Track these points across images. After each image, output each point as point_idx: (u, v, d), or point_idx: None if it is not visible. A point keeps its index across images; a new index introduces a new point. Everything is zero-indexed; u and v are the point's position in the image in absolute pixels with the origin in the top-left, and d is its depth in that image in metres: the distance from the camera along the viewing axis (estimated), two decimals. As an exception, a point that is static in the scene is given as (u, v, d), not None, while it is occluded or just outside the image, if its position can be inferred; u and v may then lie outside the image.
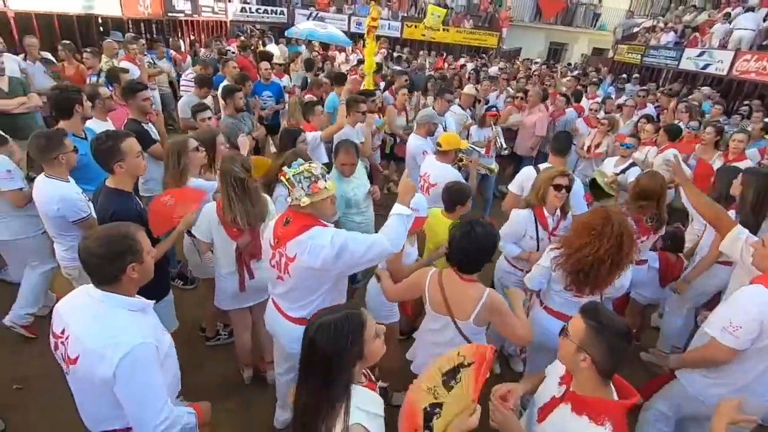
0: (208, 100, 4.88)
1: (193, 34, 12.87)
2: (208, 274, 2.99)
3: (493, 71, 10.80)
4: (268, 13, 16.27)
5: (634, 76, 11.60)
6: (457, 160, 3.79)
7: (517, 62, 14.38)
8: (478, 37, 17.28)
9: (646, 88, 9.08)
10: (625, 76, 11.84)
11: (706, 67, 11.28)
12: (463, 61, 13.60)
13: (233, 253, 2.53)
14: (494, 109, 5.46)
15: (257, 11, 16.05)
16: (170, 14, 11.73)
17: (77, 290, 1.63)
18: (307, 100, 4.99)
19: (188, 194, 2.62)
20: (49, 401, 2.65)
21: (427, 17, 11.53)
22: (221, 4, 14.37)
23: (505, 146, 5.40)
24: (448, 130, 4.84)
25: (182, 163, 2.75)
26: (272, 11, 16.37)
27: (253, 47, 8.98)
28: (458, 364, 1.44)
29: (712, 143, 4.72)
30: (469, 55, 15.94)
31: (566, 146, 3.49)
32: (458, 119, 5.48)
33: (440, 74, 9.00)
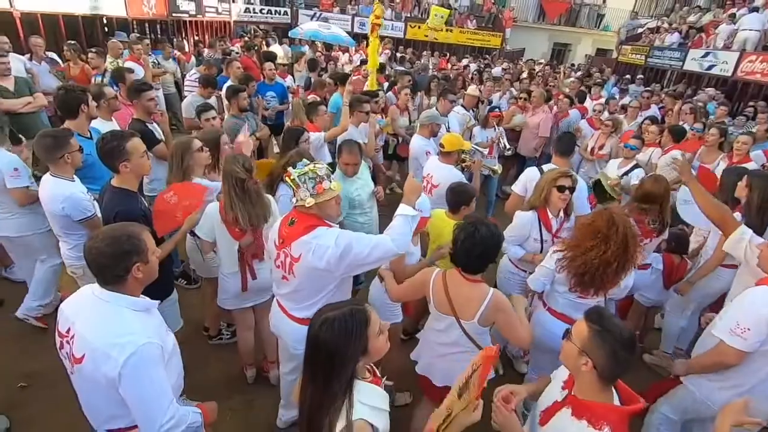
0: (211, 100, 4.89)
1: (197, 34, 12.92)
2: (210, 273, 3.01)
3: (496, 72, 10.79)
4: (271, 13, 16.34)
5: (638, 77, 11.56)
6: (459, 161, 3.78)
7: (520, 63, 14.36)
8: (481, 37, 17.28)
9: (650, 89, 9.04)
10: (629, 76, 11.80)
11: (710, 68, 11.24)
12: (466, 61, 13.59)
13: (236, 253, 2.54)
14: (497, 109, 5.46)
15: (261, 12, 16.12)
16: (174, 14, 11.79)
17: (82, 289, 1.64)
18: (310, 100, 4.99)
19: (190, 189, 2.62)
20: (53, 399, 2.66)
21: (430, 18, 11.55)
22: (225, 4, 14.43)
23: (508, 147, 5.39)
24: (451, 130, 4.84)
25: (186, 163, 2.76)
26: (276, 12, 16.43)
27: (256, 47, 9.00)
28: (472, 372, 1.45)
29: (716, 144, 4.71)
30: (472, 55, 15.94)
31: (570, 147, 3.49)
32: (461, 120, 5.48)
33: (443, 75, 8.99)
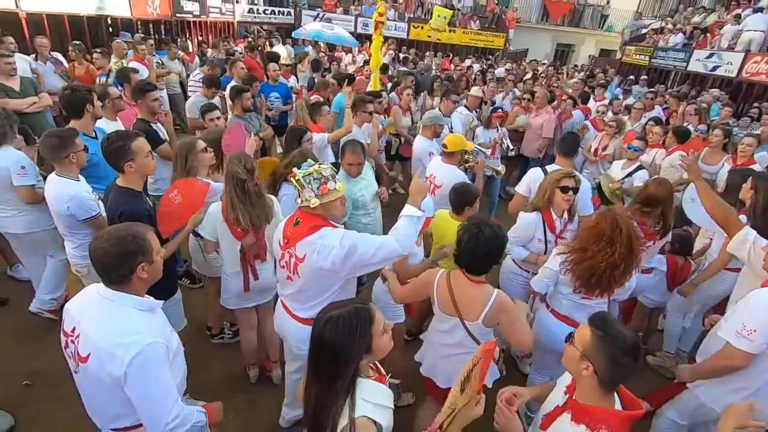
0: (215, 100, 4.90)
1: (200, 34, 12.96)
2: (213, 272, 3.02)
3: (499, 72, 10.77)
4: (275, 14, 16.38)
5: (642, 77, 11.51)
6: (463, 161, 3.78)
7: (523, 63, 14.34)
8: (484, 38, 17.25)
9: (654, 90, 9.01)
10: (632, 77, 11.76)
11: (715, 68, 11.19)
12: (468, 62, 13.57)
13: (238, 253, 2.54)
14: (500, 110, 5.45)
15: (264, 12, 16.16)
16: (178, 15, 11.83)
17: (87, 289, 1.65)
18: (313, 101, 5.00)
19: (193, 185, 2.63)
20: (57, 398, 2.67)
21: (433, 19, 11.54)
22: (229, 5, 14.47)
23: (511, 147, 5.38)
24: (454, 131, 4.84)
25: (190, 163, 2.76)
26: (279, 12, 16.48)
27: (260, 48, 9.02)
28: (472, 366, 1.46)
29: (720, 145, 4.69)
30: (475, 56, 15.92)
31: (573, 148, 3.48)
32: (464, 120, 5.47)
33: (447, 75, 8.98)
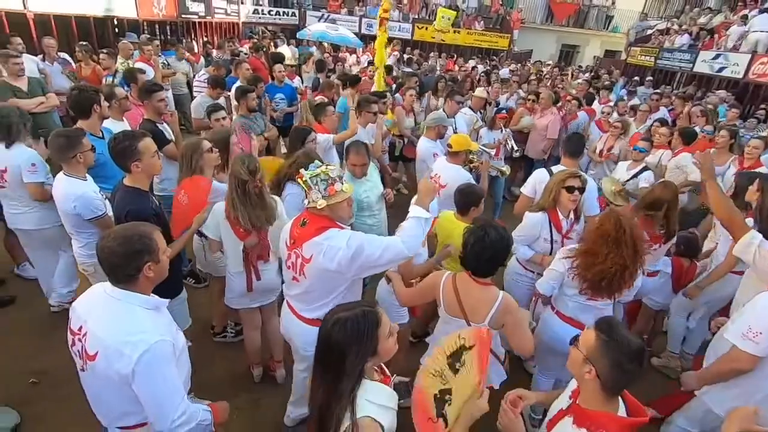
0: (220, 101, 4.93)
1: (206, 35, 13.03)
2: (217, 272, 3.03)
3: (504, 73, 10.75)
4: (279, 14, 16.45)
5: (647, 78, 11.46)
6: (467, 161, 3.78)
7: (528, 64, 14.30)
8: (488, 39, 17.25)
9: (659, 91, 8.96)
10: (637, 78, 11.70)
11: (721, 70, 11.12)
12: (472, 63, 13.54)
13: (241, 253, 2.55)
14: (504, 111, 5.44)
15: (269, 13, 16.24)
16: (184, 16, 11.90)
17: (94, 288, 1.66)
18: (318, 101, 5.01)
19: (198, 184, 2.66)
20: (64, 396, 2.69)
21: (437, 20, 11.52)
22: (234, 5, 14.54)
23: (516, 148, 5.37)
24: (458, 131, 4.84)
25: (196, 163, 2.77)
26: (284, 13, 16.54)
27: (265, 49, 9.05)
28: (460, 346, 1.47)
29: (726, 146, 4.66)
30: (479, 57, 15.90)
31: (579, 149, 3.47)
32: (468, 121, 5.48)
33: (451, 76, 8.98)
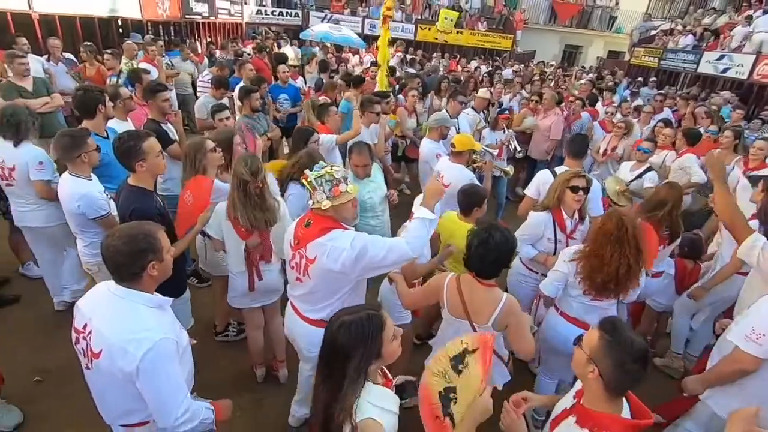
0: (224, 101, 4.94)
1: (209, 35, 13.08)
2: (220, 271, 3.03)
3: (507, 74, 10.74)
4: (283, 15, 16.50)
5: (651, 79, 11.42)
6: (471, 161, 3.78)
7: (531, 65, 14.28)
8: (491, 39, 17.22)
9: (663, 92, 8.92)
10: (641, 79, 11.67)
11: (725, 70, 11.06)
12: (475, 63, 13.50)
13: (243, 252, 2.55)
14: (507, 112, 5.44)
15: (272, 13, 16.29)
16: (188, 16, 11.95)
17: (98, 286, 1.67)
18: (321, 101, 5.01)
19: (201, 184, 2.68)
20: (67, 395, 2.70)
21: (439, 21, 11.56)
22: (237, 6, 14.59)
23: (519, 149, 5.37)
24: (461, 132, 4.83)
25: (199, 163, 2.78)
26: (287, 13, 16.58)
27: (268, 49, 9.07)
28: (463, 350, 1.49)
29: (730, 147, 4.64)
30: (482, 57, 15.88)
31: (582, 149, 3.46)
32: (471, 121, 5.47)
33: (454, 77, 8.97)
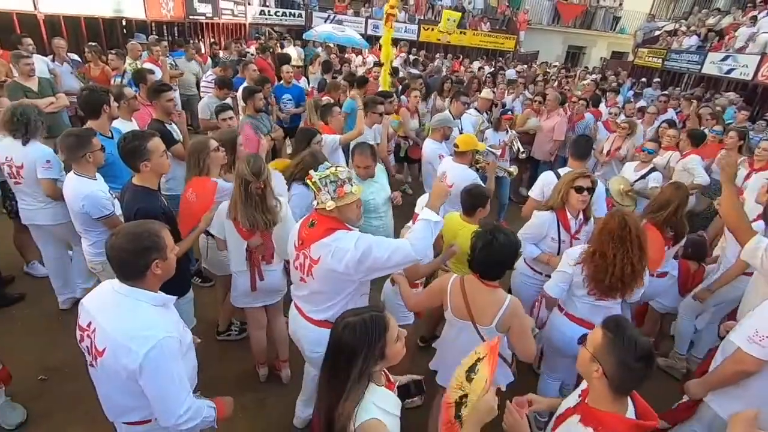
0: (227, 101, 4.95)
1: (213, 36, 13.12)
2: (223, 270, 3.04)
3: (510, 74, 10.72)
4: (286, 15, 16.52)
5: (654, 80, 11.38)
6: (474, 161, 3.78)
7: (534, 65, 14.25)
8: (494, 40, 17.20)
9: (667, 93, 8.89)
10: (644, 80, 11.62)
11: (730, 71, 11.02)
12: (477, 64, 13.47)
13: (244, 252, 2.56)
14: (510, 112, 5.43)
15: (276, 14, 16.31)
16: (191, 17, 11.98)
17: (103, 285, 1.68)
18: (324, 102, 5.02)
19: (204, 184, 2.69)
20: (71, 393, 2.71)
21: (442, 22, 11.55)
22: (241, 6, 14.62)
23: (522, 150, 5.36)
24: (464, 132, 4.83)
25: (203, 162, 2.78)
26: (290, 14, 16.61)
27: (271, 50, 9.10)
28: (476, 360, 1.54)
29: (735, 148, 4.61)
30: (484, 57, 15.85)
31: (586, 151, 3.46)
32: (474, 122, 5.47)
33: (457, 78, 8.97)
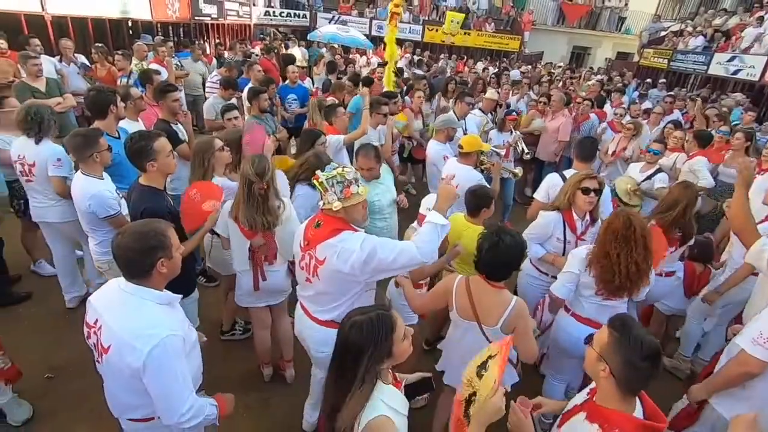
0: (232, 101, 4.98)
1: (218, 37, 13.18)
2: (226, 270, 3.05)
3: (515, 75, 10.70)
4: (291, 16, 16.60)
5: (660, 81, 11.32)
6: (479, 162, 3.77)
7: (539, 66, 14.21)
8: (499, 40, 17.19)
9: (672, 93, 8.84)
10: (650, 81, 11.57)
11: (736, 72, 10.95)
12: (481, 65, 13.44)
13: (247, 251, 2.56)
14: (514, 113, 5.42)
15: (280, 15, 16.40)
16: (197, 18, 12.06)
17: (109, 283, 1.70)
18: (329, 102, 5.03)
19: (211, 188, 2.70)
20: (77, 392, 2.73)
21: (446, 23, 11.58)
22: (246, 7, 14.70)
23: (527, 151, 5.34)
24: (468, 133, 4.83)
25: (207, 162, 2.80)
26: (295, 15, 16.69)
27: (276, 50, 9.12)
28: (488, 357, 1.54)
29: (742, 149, 4.57)
30: (488, 58, 15.83)
31: (591, 152, 3.44)
32: (479, 123, 5.46)
33: (461, 79, 8.96)
